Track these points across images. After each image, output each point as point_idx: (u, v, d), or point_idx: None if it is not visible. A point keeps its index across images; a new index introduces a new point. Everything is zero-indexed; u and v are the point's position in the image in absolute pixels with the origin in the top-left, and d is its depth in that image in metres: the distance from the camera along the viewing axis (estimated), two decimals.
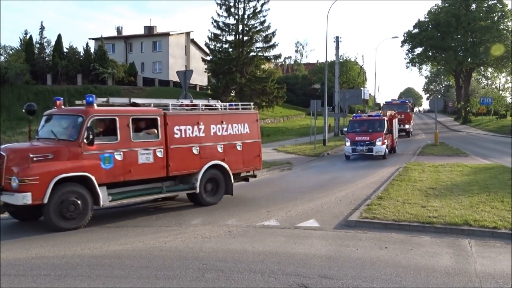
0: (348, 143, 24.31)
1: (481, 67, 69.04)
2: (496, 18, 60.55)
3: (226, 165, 13.00)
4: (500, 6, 60.39)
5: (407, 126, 40.42)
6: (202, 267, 7.46)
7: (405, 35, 66.25)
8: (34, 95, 43.42)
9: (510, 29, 60.39)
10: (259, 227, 10.32)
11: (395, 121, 28.56)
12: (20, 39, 52.72)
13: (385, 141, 24.10)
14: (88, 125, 10.34)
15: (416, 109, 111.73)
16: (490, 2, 60.95)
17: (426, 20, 65.03)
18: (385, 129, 24.45)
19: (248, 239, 9.25)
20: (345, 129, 25.73)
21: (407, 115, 40.48)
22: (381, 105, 54.69)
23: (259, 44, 53.58)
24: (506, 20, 60.54)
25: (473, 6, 61.56)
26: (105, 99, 11.89)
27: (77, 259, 8.02)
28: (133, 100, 12.33)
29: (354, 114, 28.56)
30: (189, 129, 12.17)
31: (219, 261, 7.76)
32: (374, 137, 23.83)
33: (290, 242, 8.93)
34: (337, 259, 7.85)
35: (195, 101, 13.57)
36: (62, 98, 11.96)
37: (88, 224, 10.78)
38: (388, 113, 28.33)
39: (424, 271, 7.20)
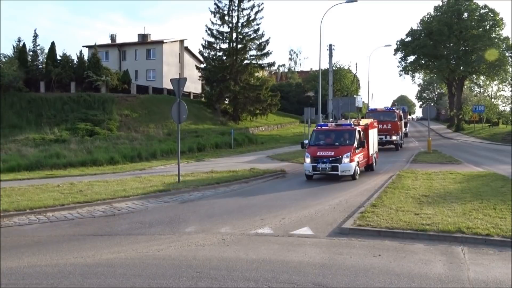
0: (308, 159, 19.46)
1: (473, 75, 69.58)
2: (487, 27, 61.13)
3: None
4: (491, 15, 61.00)
5: (394, 138, 34.41)
6: (195, 276, 7.43)
7: (398, 43, 66.70)
8: (27, 102, 43.26)
9: (501, 37, 60.98)
10: (253, 235, 10.31)
11: (373, 132, 23.80)
12: (14, 47, 52.60)
13: (355, 157, 19.49)
14: None
15: (409, 116, 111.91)
16: (482, 11, 61.55)
17: (418, 28, 65.51)
18: (356, 142, 19.81)
19: (242, 247, 9.23)
20: (306, 141, 20.88)
21: (394, 125, 34.58)
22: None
23: (253, 52, 53.84)
24: (497, 28, 61.14)
25: (465, 14, 62.13)
26: None
27: (70, 268, 7.97)
28: None
29: (318, 123, 22.26)
30: None
31: (213, 269, 7.74)
32: (340, 152, 19.13)
33: (284, 250, 8.92)
34: (331, 266, 7.85)
35: None
36: None
37: (81, 232, 10.74)
38: (363, 122, 23.54)
39: (417, 279, 7.21)
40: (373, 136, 23.66)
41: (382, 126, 32.06)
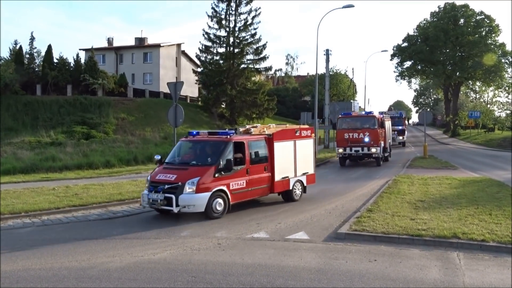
0: (147, 185, 13.43)
1: (469, 81, 69.92)
2: (483, 33, 61.52)
3: None
4: (487, 21, 61.40)
5: (373, 150, 26.62)
6: (191, 280, 7.41)
7: (395, 48, 67.03)
8: (23, 105, 43.13)
9: (497, 43, 61.32)
10: (249, 239, 10.29)
11: (290, 145, 15.65)
12: (10, 49, 52.48)
13: (216, 184, 12.78)
14: None
15: (406, 123, 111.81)
16: (478, 17, 61.92)
17: (415, 34, 65.85)
18: (223, 161, 12.98)
19: (238, 251, 9.21)
20: (157, 157, 14.32)
21: (373, 134, 26.66)
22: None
23: (250, 56, 53.79)
24: (493, 35, 61.48)
25: (461, 21, 62.51)
26: None
27: (64, 272, 7.93)
28: None
29: (191, 131, 15.26)
30: None
31: (208, 274, 7.72)
32: (185, 176, 12.68)
33: (279, 255, 8.91)
34: (327, 271, 7.83)
35: None
36: None
37: (76, 236, 10.69)
38: (267, 130, 15.73)
39: (413, 284, 7.20)
40: (293, 152, 15.72)
41: (358, 135, 26.78)
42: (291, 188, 15.49)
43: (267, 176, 14.58)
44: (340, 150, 27.02)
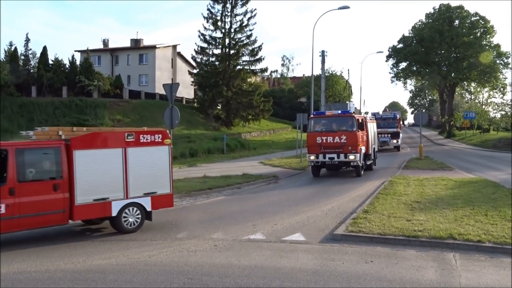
0: None
1: (465, 82, 70.11)
2: (478, 34, 61.70)
3: None
4: (482, 23, 61.61)
5: (351, 157, 21.94)
6: (187, 282, 7.39)
7: (390, 50, 67.12)
8: (18, 107, 43.02)
9: (492, 44, 61.55)
10: (245, 241, 10.28)
11: (111, 155, 11.08)
12: (5, 51, 52.41)
13: None
14: None
15: (401, 124, 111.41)
16: (472, 19, 62.15)
17: (410, 35, 65.98)
18: None
19: (234, 253, 9.20)
20: None
21: (351, 137, 22.06)
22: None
23: (246, 58, 53.97)
24: (488, 36, 61.72)
25: (456, 22, 62.72)
26: None
27: (60, 274, 7.90)
28: None
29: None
30: None
31: (204, 276, 7.70)
32: None
33: (276, 256, 8.90)
34: (323, 273, 7.83)
35: None
36: None
37: (72, 238, 10.66)
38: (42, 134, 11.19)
39: (409, 285, 7.21)
40: (120, 164, 11.13)
41: (333, 139, 22.09)
42: (115, 214, 11.03)
43: (59, 197, 10.30)
44: (312, 158, 22.46)
